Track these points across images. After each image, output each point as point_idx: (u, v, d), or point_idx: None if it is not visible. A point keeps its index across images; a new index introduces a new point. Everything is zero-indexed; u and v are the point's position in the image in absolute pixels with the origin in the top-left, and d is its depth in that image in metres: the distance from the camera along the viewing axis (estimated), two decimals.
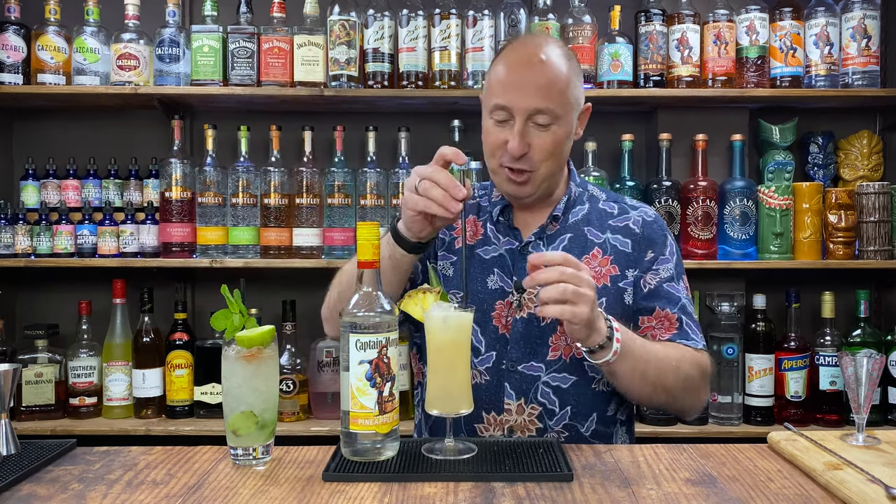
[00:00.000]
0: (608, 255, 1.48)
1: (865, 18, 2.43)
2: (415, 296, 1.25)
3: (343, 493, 1.07)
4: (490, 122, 1.43)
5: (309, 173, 2.43)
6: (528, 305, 1.45)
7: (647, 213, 1.54)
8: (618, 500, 1.03)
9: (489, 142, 1.43)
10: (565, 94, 1.40)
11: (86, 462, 1.21)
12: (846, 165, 2.62)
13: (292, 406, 2.41)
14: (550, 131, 1.39)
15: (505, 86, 1.39)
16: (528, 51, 1.42)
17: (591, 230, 1.50)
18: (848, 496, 1.02)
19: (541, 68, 1.39)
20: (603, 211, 1.54)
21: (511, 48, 1.46)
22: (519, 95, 1.37)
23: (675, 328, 1.46)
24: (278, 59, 2.40)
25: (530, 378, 1.44)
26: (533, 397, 1.44)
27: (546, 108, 1.38)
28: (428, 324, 1.23)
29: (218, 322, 1.19)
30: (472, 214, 1.54)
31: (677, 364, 1.39)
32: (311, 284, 2.63)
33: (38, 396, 2.37)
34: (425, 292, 1.24)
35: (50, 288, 2.67)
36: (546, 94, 1.38)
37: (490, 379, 1.45)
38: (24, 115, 2.68)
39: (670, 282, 1.48)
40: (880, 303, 2.68)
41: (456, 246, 1.52)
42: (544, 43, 1.44)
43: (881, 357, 1.25)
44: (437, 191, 1.26)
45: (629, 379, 1.35)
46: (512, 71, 1.40)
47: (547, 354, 1.44)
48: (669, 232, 1.54)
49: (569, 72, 1.42)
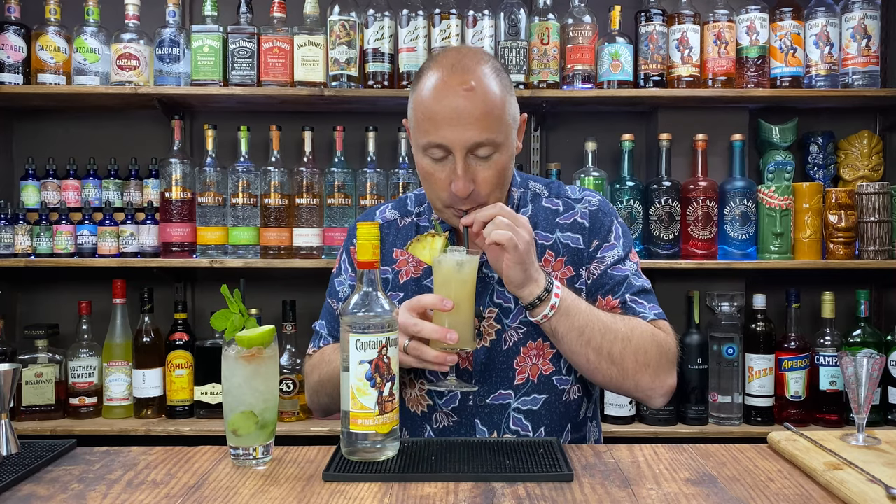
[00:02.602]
0: (561, 257, 1.41)
1: (865, 18, 2.43)
2: (423, 240, 1.31)
3: (343, 493, 1.06)
4: (426, 161, 1.31)
5: (309, 173, 2.43)
6: (488, 333, 1.37)
7: (591, 203, 1.45)
8: (618, 500, 1.03)
9: (430, 183, 1.33)
10: (503, 118, 1.29)
11: (86, 462, 1.21)
12: (846, 165, 2.62)
13: (292, 406, 2.41)
14: (493, 161, 1.29)
15: (436, 122, 1.27)
16: (455, 77, 1.27)
17: (539, 233, 1.41)
18: (848, 496, 1.02)
19: (474, 97, 1.26)
20: (548, 209, 1.45)
21: (434, 73, 1.30)
22: (455, 131, 1.26)
23: (619, 310, 1.39)
24: (278, 59, 2.40)
25: (500, 408, 1.38)
26: (505, 427, 1.38)
27: (487, 139, 1.27)
28: (440, 266, 1.28)
29: (218, 322, 1.19)
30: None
31: (628, 334, 1.31)
32: (311, 284, 2.64)
33: (38, 396, 2.37)
34: (433, 236, 1.29)
35: (50, 288, 2.67)
36: (484, 125, 1.26)
37: (458, 419, 1.39)
38: (24, 115, 2.68)
39: (616, 265, 1.41)
40: (880, 303, 2.68)
41: (400, 281, 1.44)
42: (471, 64, 1.29)
43: (881, 357, 1.25)
44: (431, 353, 1.21)
45: (572, 342, 1.28)
46: (441, 104, 1.27)
47: (514, 379, 1.38)
48: (615, 213, 1.46)
49: (503, 92, 1.30)
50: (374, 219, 1.52)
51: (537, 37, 2.42)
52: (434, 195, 1.35)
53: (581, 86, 2.43)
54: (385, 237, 1.48)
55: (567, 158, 2.67)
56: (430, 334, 1.22)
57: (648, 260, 2.42)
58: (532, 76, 2.43)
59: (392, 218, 1.51)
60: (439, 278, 1.29)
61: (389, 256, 1.46)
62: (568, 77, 2.45)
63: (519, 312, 1.38)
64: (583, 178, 2.45)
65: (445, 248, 1.28)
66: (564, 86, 2.45)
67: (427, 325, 1.22)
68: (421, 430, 1.43)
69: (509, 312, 1.39)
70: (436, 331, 1.21)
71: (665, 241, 2.42)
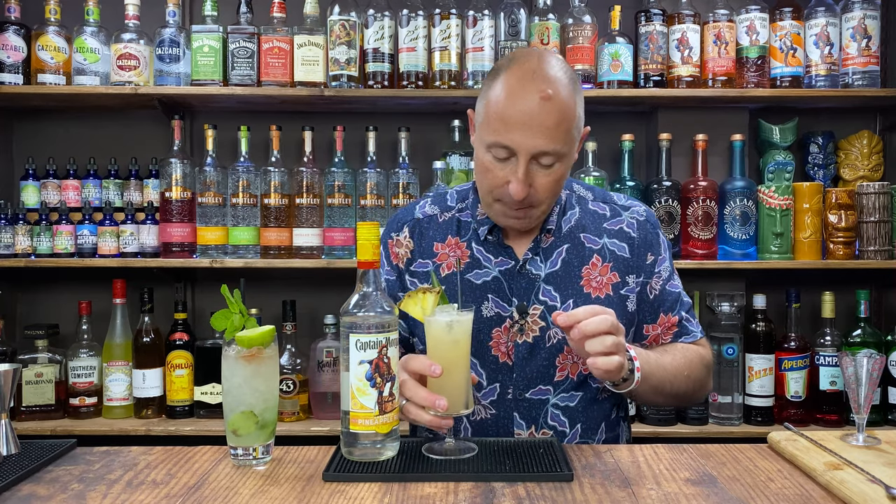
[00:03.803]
0: (608, 263, 1.43)
1: (865, 18, 2.43)
2: (415, 296, 1.25)
3: (343, 493, 1.06)
4: (488, 157, 1.31)
5: (309, 173, 2.43)
6: (531, 329, 1.39)
7: (639, 213, 1.49)
8: (618, 500, 1.03)
9: (487, 178, 1.33)
10: (571, 131, 1.30)
11: (86, 462, 1.21)
12: (846, 165, 2.62)
13: (292, 406, 2.41)
14: (553, 170, 1.30)
15: (508, 124, 1.27)
16: (533, 82, 1.27)
17: (588, 236, 1.44)
18: (848, 496, 1.02)
19: (550, 106, 1.26)
20: (595, 213, 1.48)
21: (512, 75, 1.29)
22: (524, 137, 1.26)
23: (675, 328, 1.48)
24: (278, 59, 2.40)
25: (539, 403, 1.40)
26: (543, 422, 1.40)
27: (553, 150, 1.28)
28: (430, 326, 1.23)
29: (218, 322, 1.19)
30: (452, 236, 1.46)
31: (688, 372, 1.41)
32: (312, 284, 2.64)
33: (38, 396, 2.37)
34: (425, 292, 1.24)
35: (50, 288, 2.67)
36: (554, 136, 1.27)
37: (497, 412, 1.41)
38: (24, 115, 2.68)
39: (670, 280, 1.48)
40: (880, 303, 2.68)
41: (441, 275, 1.45)
42: (549, 69, 1.29)
43: (881, 357, 1.25)
44: (425, 417, 1.20)
45: (646, 395, 1.38)
46: (516, 107, 1.26)
47: (555, 376, 1.40)
48: (659, 225, 1.51)
49: (575, 102, 1.31)
50: (414, 215, 1.52)
51: (537, 37, 2.42)
52: (486, 189, 1.35)
53: (581, 86, 2.43)
54: (426, 231, 1.49)
55: None
56: (420, 401, 1.19)
57: None
58: None
59: (432, 213, 1.51)
60: (430, 339, 1.23)
61: (430, 250, 1.47)
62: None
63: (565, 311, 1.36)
64: (583, 178, 2.45)
65: (438, 304, 1.23)
66: None
67: (419, 391, 1.20)
68: (458, 421, 1.42)
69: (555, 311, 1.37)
70: (425, 398, 1.18)
71: None
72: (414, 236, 1.48)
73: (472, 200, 1.48)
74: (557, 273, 1.41)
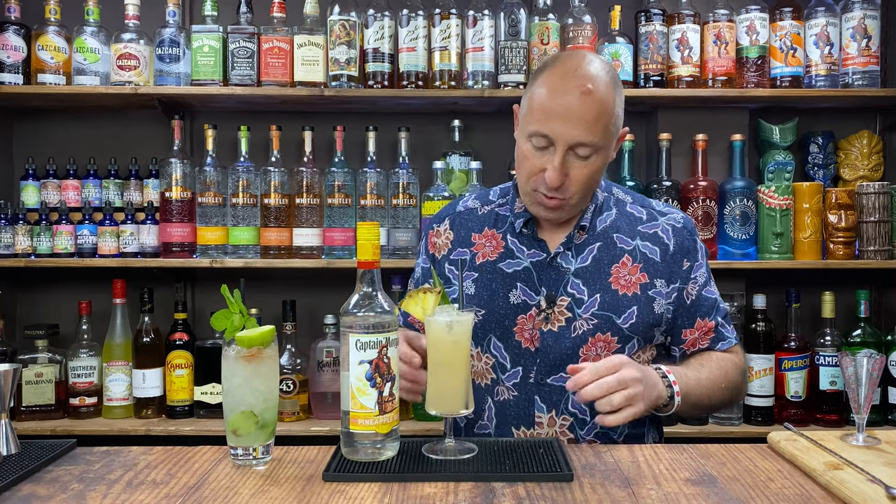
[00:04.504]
0: (637, 263, 1.47)
1: (865, 18, 2.43)
2: (415, 296, 1.25)
3: (343, 493, 1.06)
4: (528, 146, 1.39)
5: (309, 173, 2.43)
6: (557, 319, 1.44)
7: (676, 220, 1.53)
8: (618, 500, 1.03)
9: (525, 166, 1.41)
10: (609, 127, 1.37)
11: (86, 462, 1.21)
12: (846, 165, 2.62)
13: (292, 406, 2.41)
14: (589, 162, 1.37)
15: (549, 114, 1.34)
16: (575, 77, 1.34)
17: (621, 237, 1.49)
18: (848, 496, 1.02)
19: (590, 100, 1.33)
20: (631, 215, 1.52)
21: (556, 70, 1.38)
22: (563, 127, 1.34)
23: (712, 332, 1.53)
24: (278, 59, 2.40)
25: (560, 389, 1.43)
26: (564, 408, 1.44)
27: (590, 141, 1.35)
28: (430, 327, 1.23)
29: (218, 322, 1.19)
30: (489, 227, 1.53)
31: (725, 383, 1.47)
32: (312, 284, 2.64)
33: (38, 396, 2.37)
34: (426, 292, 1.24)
35: (50, 288, 2.67)
36: (591, 129, 1.34)
37: (518, 394, 1.46)
38: (24, 115, 2.68)
39: (706, 286, 1.52)
40: (880, 303, 2.68)
41: (477, 262, 1.51)
42: (592, 67, 1.37)
43: (881, 357, 1.25)
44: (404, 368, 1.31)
45: (688, 413, 1.43)
46: (558, 99, 1.34)
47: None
48: (696, 232, 1.55)
49: (615, 101, 1.38)
50: (456, 209, 1.60)
51: (537, 37, 2.42)
52: (524, 176, 1.42)
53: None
54: (465, 222, 1.57)
55: None
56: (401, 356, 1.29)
57: None
58: None
59: (473, 206, 1.59)
60: (430, 339, 1.24)
61: (468, 240, 1.54)
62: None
63: (592, 305, 1.44)
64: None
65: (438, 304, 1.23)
66: None
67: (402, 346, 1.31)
68: (483, 401, 1.49)
69: (582, 303, 1.44)
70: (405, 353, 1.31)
71: None
72: (454, 227, 1.57)
73: (512, 196, 1.55)
74: (587, 268, 1.46)
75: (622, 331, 1.44)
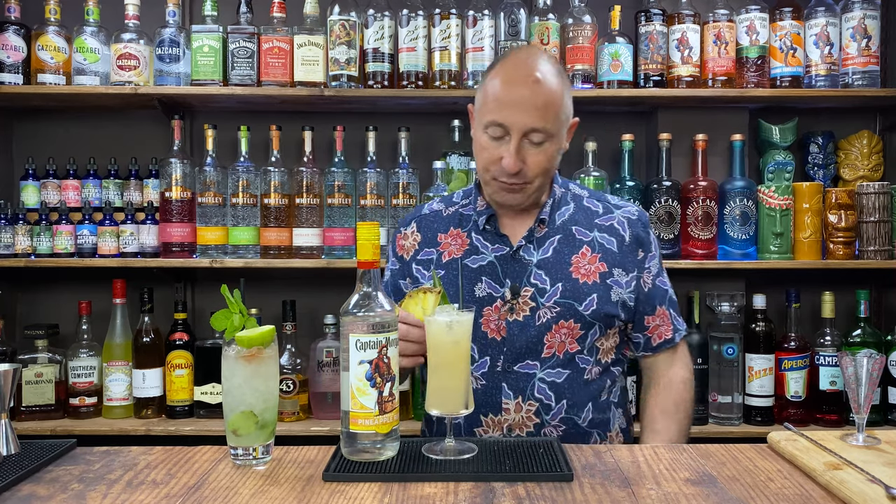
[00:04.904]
0: (596, 253, 1.55)
1: (865, 18, 2.43)
2: (415, 296, 1.25)
3: (343, 493, 1.07)
4: (484, 137, 1.47)
5: (309, 173, 2.43)
6: (522, 309, 1.50)
7: (631, 213, 1.61)
8: (618, 500, 1.03)
9: (483, 156, 1.48)
10: (559, 113, 1.45)
11: (86, 462, 1.21)
12: (846, 165, 2.62)
13: (292, 406, 2.41)
14: (543, 148, 1.45)
15: (501, 104, 1.43)
16: (524, 69, 1.44)
17: (579, 229, 1.57)
18: (848, 496, 1.02)
19: (538, 88, 1.43)
20: (588, 209, 1.60)
21: (507, 64, 1.48)
22: (516, 114, 1.42)
23: (671, 324, 1.61)
24: (278, 59, 2.40)
25: (526, 376, 1.50)
26: (530, 394, 1.49)
27: (542, 127, 1.43)
28: (430, 327, 1.24)
29: (218, 322, 1.19)
30: (454, 227, 1.60)
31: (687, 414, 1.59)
32: (311, 284, 2.64)
33: (38, 396, 2.37)
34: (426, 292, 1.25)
35: (50, 288, 2.67)
36: (542, 115, 1.43)
37: (486, 382, 1.51)
38: (24, 115, 2.68)
39: (660, 276, 1.61)
40: (880, 303, 2.68)
41: (443, 260, 1.57)
42: (540, 60, 1.47)
43: (881, 357, 1.25)
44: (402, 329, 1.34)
45: None
46: (509, 89, 1.43)
47: (542, 352, 1.50)
48: (650, 225, 1.63)
49: (562, 90, 1.46)
50: (421, 212, 1.68)
51: (537, 37, 2.42)
52: (484, 166, 1.50)
53: (581, 86, 2.43)
54: (431, 224, 1.64)
55: (567, 158, 2.63)
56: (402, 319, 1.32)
57: None
58: None
59: (438, 209, 1.67)
60: (430, 339, 1.25)
61: (434, 240, 1.61)
62: (568, 77, 2.45)
63: (554, 294, 1.50)
64: (583, 178, 2.45)
65: (438, 304, 1.24)
66: None
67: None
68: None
69: (545, 293, 1.51)
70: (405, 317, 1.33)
71: (665, 241, 2.42)
72: (421, 230, 1.64)
73: (474, 196, 1.62)
74: (549, 259, 1.53)
75: (584, 317, 1.50)
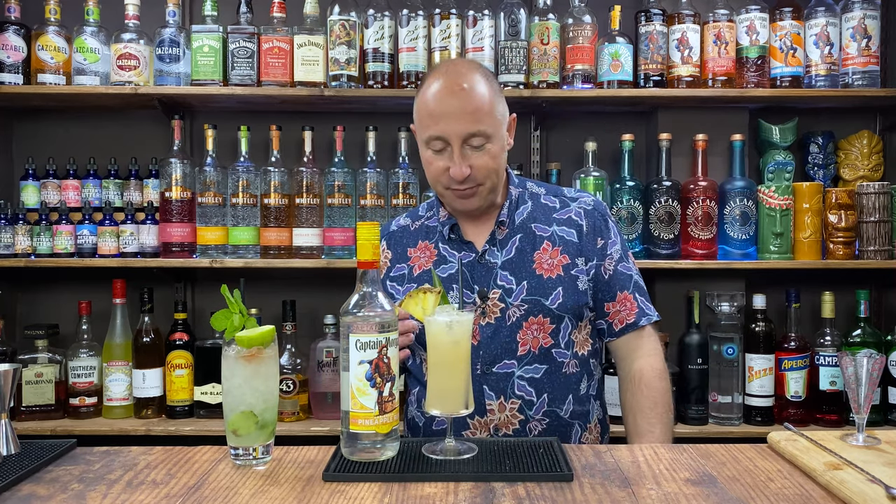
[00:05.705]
0: (557, 247, 1.58)
1: (865, 18, 2.43)
2: (415, 296, 1.25)
3: (343, 493, 1.07)
4: (428, 153, 1.52)
5: (309, 173, 2.43)
6: (492, 311, 1.54)
7: (587, 203, 1.64)
8: (618, 500, 1.03)
9: (431, 170, 1.53)
10: (492, 114, 1.50)
11: (86, 462, 1.21)
12: (846, 165, 2.62)
13: (292, 406, 2.41)
14: (486, 150, 1.49)
15: (435, 117, 1.48)
16: (450, 80, 1.49)
17: (539, 226, 1.60)
18: (848, 496, 1.02)
19: (466, 95, 1.47)
20: (545, 205, 1.64)
21: (433, 79, 1.52)
22: (451, 124, 1.47)
23: (635, 308, 1.60)
24: (278, 59, 2.40)
25: (505, 376, 1.53)
26: (511, 393, 1.53)
27: (478, 130, 1.47)
28: (430, 327, 1.24)
29: (218, 322, 1.19)
30: (422, 240, 1.64)
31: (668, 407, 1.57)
32: (311, 284, 2.64)
33: (38, 396, 2.37)
34: (426, 292, 1.25)
35: (50, 288, 2.67)
36: (476, 118, 1.47)
37: None
38: (24, 115, 2.68)
39: (622, 262, 1.62)
40: (880, 303, 2.68)
41: (414, 274, 1.61)
42: (463, 68, 1.53)
43: (881, 357, 1.25)
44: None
45: None
46: (439, 102, 1.48)
47: (517, 351, 1.54)
48: (609, 213, 1.66)
49: (491, 92, 1.51)
50: (390, 229, 1.72)
51: (537, 37, 2.42)
52: (434, 179, 1.55)
53: (581, 86, 2.43)
54: (400, 240, 1.68)
55: (567, 158, 2.67)
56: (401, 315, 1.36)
57: (648, 260, 2.42)
58: (532, 76, 2.43)
59: (405, 224, 1.71)
60: (430, 339, 1.24)
61: (405, 255, 1.65)
62: (568, 77, 2.45)
63: (521, 292, 1.54)
64: (583, 179, 2.45)
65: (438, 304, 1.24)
66: (564, 86, 2.45)
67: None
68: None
69: (512, 293, 1.54)
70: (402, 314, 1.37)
71: (665, 241, 2.42)
72: (391, 246, 1.68)
73: (437, 207, 1.66)
74: (512, 259, 1.57)
75: (552, 312, 1.53)
